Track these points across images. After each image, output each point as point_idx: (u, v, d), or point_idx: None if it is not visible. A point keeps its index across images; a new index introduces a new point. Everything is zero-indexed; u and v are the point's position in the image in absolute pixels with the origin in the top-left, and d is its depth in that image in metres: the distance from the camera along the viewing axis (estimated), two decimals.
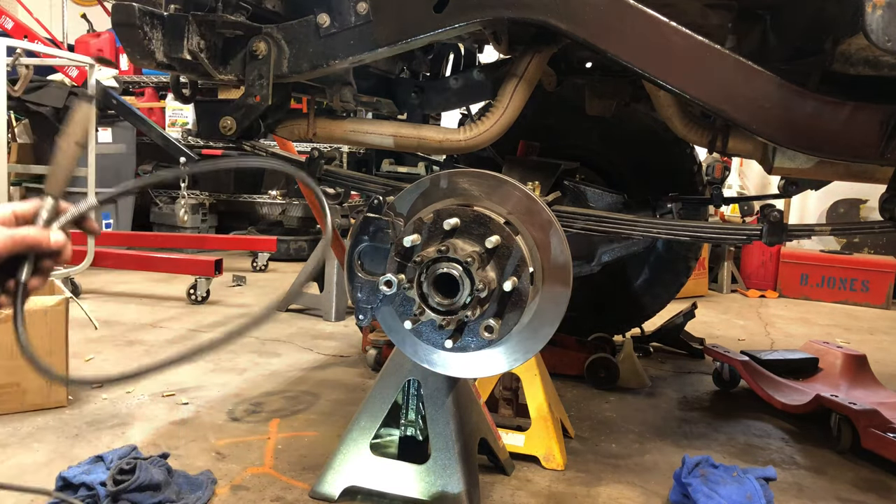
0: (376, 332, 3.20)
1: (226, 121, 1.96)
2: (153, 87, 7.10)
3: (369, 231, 1.76)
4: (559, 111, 3.06)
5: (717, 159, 4.75)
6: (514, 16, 1.70)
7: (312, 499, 1.99)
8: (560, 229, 1.70)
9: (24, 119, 6.15)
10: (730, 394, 3.19)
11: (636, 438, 2.59)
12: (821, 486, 2.29)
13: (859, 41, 1.58)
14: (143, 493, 1.81)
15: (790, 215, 6.66)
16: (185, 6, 1.84)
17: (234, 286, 5.09)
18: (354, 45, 1.81)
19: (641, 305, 3.53)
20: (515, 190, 1.71)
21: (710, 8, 1.97)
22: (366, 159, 6.95)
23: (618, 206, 2.60)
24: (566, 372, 3.17)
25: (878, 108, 1.66)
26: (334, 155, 6.32)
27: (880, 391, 2.97)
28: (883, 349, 4.29)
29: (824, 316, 5.32)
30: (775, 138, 1.72)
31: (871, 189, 4.81)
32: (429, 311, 1.66)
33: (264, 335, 3.78)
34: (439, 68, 2.61)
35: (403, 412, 2.02)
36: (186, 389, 2.85)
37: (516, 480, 2.18)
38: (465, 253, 1.59)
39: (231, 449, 2.31)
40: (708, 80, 1.67)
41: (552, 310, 1.69)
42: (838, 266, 5.90)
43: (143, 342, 3.52)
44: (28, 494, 1.92)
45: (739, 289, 6.12)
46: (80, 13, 8.17)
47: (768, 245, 1.96)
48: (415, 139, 2.10)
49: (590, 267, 2.72)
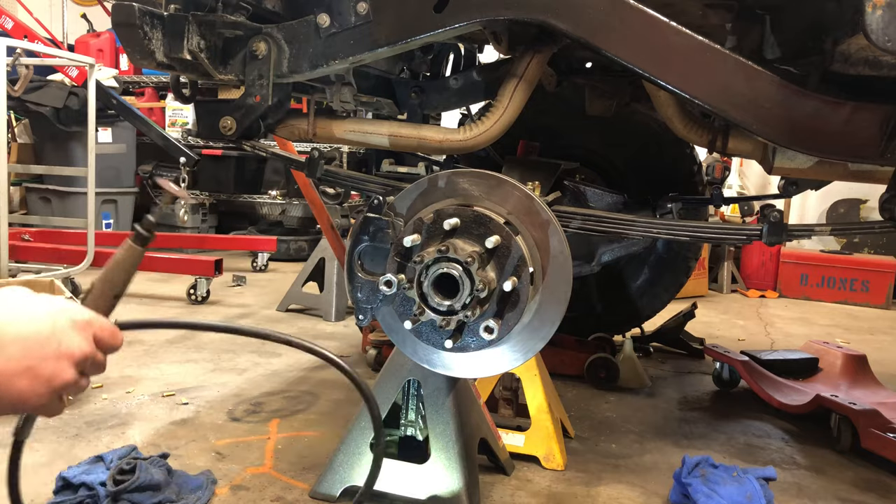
0: (376, 332, 3.20)
1: (226, 121, 1.96)
2: (153, 87, 7.10)
3: (369, 231, 1.76)
4: (559, 111, 3.06)
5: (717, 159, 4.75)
6: (514, 16, 1.70)
7: (312, 499, 1.99)
8: (560, 229, 1.69)
9: (24, 119, 6.16)
10: (730, 394, 3.19)
11: (636, 438, 2.59)
12: (821, 486, 2.29)
13: (859, 41, 1.58)
14: (143, 493, 1.81)
15: (790, 215, 6.65)
16: (185, 6, 1.84)
17: (234, 286, 5.09)
18: (354, 44, 1.81)
19: (641, 305, 3.53)
20: (515, 190, 1.71)
21: (710, 8, 1.97)
22: (366, 159, 6.94)
23: (618, 206, 2.60)
24: (566, 372, 3.17)
25: (878, 108, 1.66)
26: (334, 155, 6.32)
27: (880, 391, 2.96)
28: (883, 349, 4.29)
29: (824, 316, 5.32)
30: (775, 138, 1.72)
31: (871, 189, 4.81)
32: (429, 312, 1.66)
33: None
34: (439, 68, 2.61)
35: (403, 412, 2.02)
36: (186, 389, 2.85)
37: (516, 480, 2.18)
38: (465, 253, 1.59)
39: (231, 449, 2.31)
40: (708, 80, 1.67)
41: (552, 310, 1.69)
42: (838, 266, 5.90)
43: (142, 342, 3.52)
44: (28, 493, 1.92)
45: (739, 289, 6.12)
46: (80, 13, 8.17)
47: (768, 245, 1.96)
48: (415, 139, 2.10)
49: (590, 267, 2.72)
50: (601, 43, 1.67)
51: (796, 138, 1.69)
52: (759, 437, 2.68)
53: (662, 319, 3.77)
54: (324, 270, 4.22)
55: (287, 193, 6.68)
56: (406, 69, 2.48)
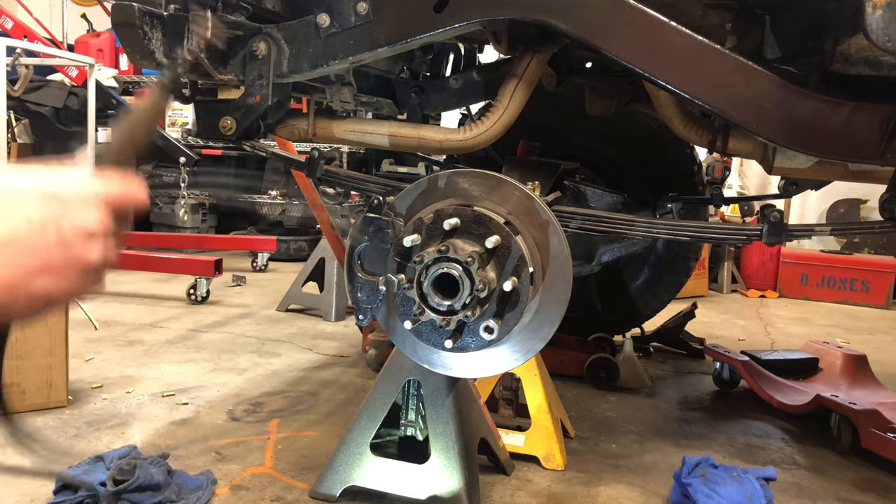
0: (376, 332, 3.20)
1: (226, 121, 1.96)
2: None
3: (369, 231, 1.76)
4: (559, 111, 3.06)
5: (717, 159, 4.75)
6: (514, 16, 1.70)
7: (312, 499, 1.99)
8: (560, 229, 1.69)
9: (24, 119, 6.16)
10: (730, 394, 3.19)
11: (636, 438, 2.59)
12: (821, 486, 2.29)
13: (859, 41, 1.58)
14: (143, 493, 1.81)
15: (790, 215, 6.66)
16: (185, 6, 1.84)
17: (234, 286, 5.09)
18: (354, 44, 1.81)
19: (641, 305, 3.53)
20: (515, 190, 1.71)
21: (710, 8, 1.97)
22: (366, 159, 6.94)
23: (618, 206, 2.60)
24: (566, 372, 3.17)
25: (878, 108, 1.65)
26: (334, 155, 6.33)
27: (880, 391, 2.97)
28: (883, 349, 4.29)
29: (824, 316, 5.32)
30: (775, 138, 1.72)
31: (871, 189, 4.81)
32: (429, 311, 1.66)
33: (264, 335, 3.78)
34: (439, 68, 2.61)
35: (403, 412, 2.02)
36: (186, 389, 2.85)
37: (516, 480, 2.18)
38: (465, 253, 1.59)
39: (231, 449, 2.31)
40: (708, 80, 1.67)
41: (552, 310, 1.69)
42: (838, 266, 5.90)
43: (142, 342, 3.52)
44: (28, 493, 1.92)
45: (739, 289, 6.12)
46: (80, 13, 8.18)
47: (768, 245, 1.96)
48: (415, 139, 2.10)
49: (590, 267, 2.72)
50: (601, 43, 1.67)
51: (796, 138, 1.69)
52: (759, 437, 2.68)
53: (662, 319, 3.77)
54: (324, 270, 4.22)
55: (287, 193, 6.68)
56: (406, 69, 2.48)
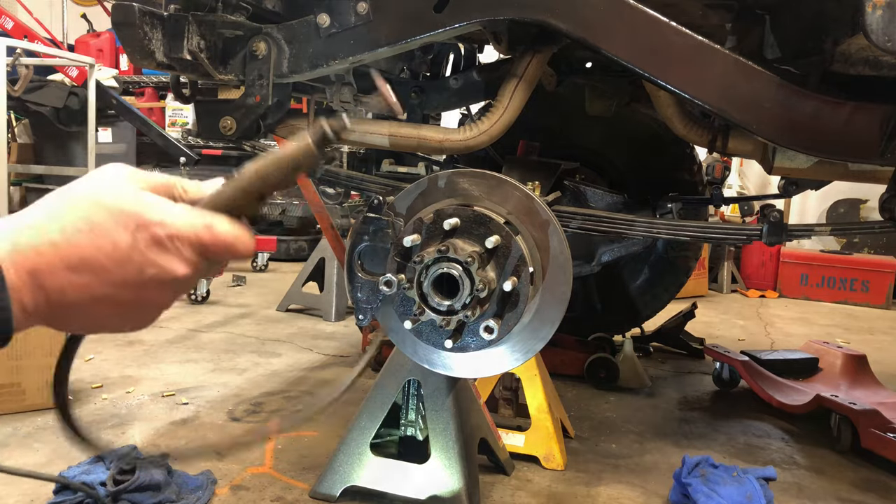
0: (376, 332, 3.20)
1: (226, 121, 1.96)
2: (153, 87, 7.10)
3: (369, 231, 1.76)
4: (559, 111, 3.06)
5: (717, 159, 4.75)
6: (514, 16, 1.70)
7: (312, 499, 1.99)
8: (560, 229, 1.69)
9: (24, 119, 6.16)
10: (730, 394, 3.19)
11: (636, 438, 2.59)
12: (821, 486, 2.29)
13: (859, 41, 1.58)
14: (143, 493, 1.81)
15: (790, 215, 6.66)
16: (185, 6, 1.84)
17: (234, 286, 5.09)
18: (354, 44, 1.81)
19: (641, 305, 3.53)
20: (515, 190, 1.71)
21: (710, 8, 1.97)
22: (366, 159, 6.93)
23: (618, 206, 2.60)
24: (566, 372, 3.17)
25: (878, 108, 1.66)
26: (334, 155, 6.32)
27: (880, 391, 2.97)
28: (883, 349, 4.29)
29: (824, 316, 5.32)
30: (775, 138, 1.72)
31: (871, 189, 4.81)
32: (429, 311, 1.66)
33: (264, 335, 3.78)
34: (439, 68, 2.61)
35: (403, 412, 2.02)
36: (186, 389, 2.85)
37: (516, 480, 2.18)
38: (465, 253, 1.59)
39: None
40: (708, 80, 1.67)
41: (552, 310, 1.69)
42: (838, 266, 5.90)
43: (142, 342, 3.51)
44: (29, 493, 1.92)
45: (739, 289, 6.12)
46: (80, 13, 8.18)
47: (768, 245, 1.96)
48: (415, 139, 2.10)
49: (590, 267, 2.72)
50: (601, 43, 1.67)
51: (796, 138, 1.69)
52: (759, 437, 2.68)
53: (662, 319, 3.77)
54: (324, 270, 4.22)
55: (287, 193, 6.68)
56: (406, 69, 2.48)
